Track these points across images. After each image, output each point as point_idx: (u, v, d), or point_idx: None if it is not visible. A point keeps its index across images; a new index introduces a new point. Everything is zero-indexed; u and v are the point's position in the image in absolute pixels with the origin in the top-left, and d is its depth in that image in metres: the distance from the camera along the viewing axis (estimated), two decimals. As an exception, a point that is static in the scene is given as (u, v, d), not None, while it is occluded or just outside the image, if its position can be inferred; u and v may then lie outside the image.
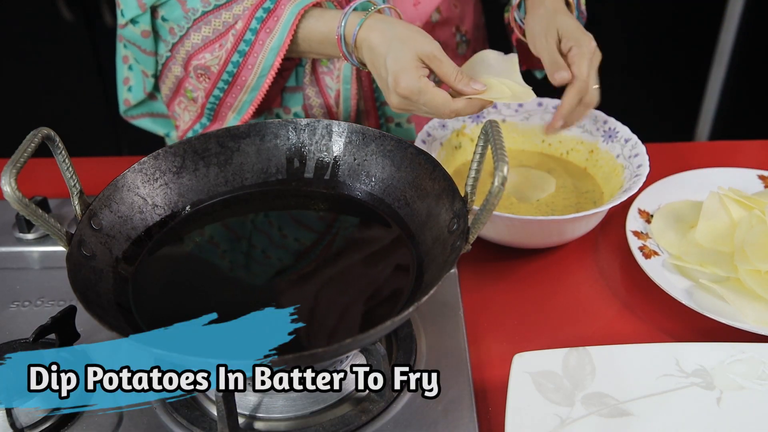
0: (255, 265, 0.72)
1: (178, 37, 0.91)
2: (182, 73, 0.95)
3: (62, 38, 1.84)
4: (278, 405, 0.66)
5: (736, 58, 2.02)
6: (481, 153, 0.63)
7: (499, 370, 0.72)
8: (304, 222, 0.76)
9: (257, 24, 0.85)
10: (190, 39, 0.90)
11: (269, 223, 0.76)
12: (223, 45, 0.87)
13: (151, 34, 0.93)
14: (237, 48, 0.87)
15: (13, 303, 0.79)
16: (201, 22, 0.88)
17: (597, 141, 0.95)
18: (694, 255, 0.81)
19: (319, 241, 0.74)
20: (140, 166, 0.72)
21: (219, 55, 0.88)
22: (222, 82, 0.90)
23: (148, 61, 0.98)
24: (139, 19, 0.91)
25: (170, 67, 0.96)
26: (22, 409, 0.65)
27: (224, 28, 0.87)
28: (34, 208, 0.60)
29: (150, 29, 0.92)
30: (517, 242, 0.86)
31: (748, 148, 1.08)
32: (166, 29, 0.91)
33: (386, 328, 0.56)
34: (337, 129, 0.76)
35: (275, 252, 0.73)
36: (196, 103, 0.96)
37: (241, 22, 0.86)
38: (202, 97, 0.94)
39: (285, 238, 0.75)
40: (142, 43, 0.95)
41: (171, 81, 0.98)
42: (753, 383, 0.66)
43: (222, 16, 0.87)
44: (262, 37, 0.85)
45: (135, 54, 0.98)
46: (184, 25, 0.89)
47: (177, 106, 1.01)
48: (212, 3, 0.87)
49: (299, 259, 0.72)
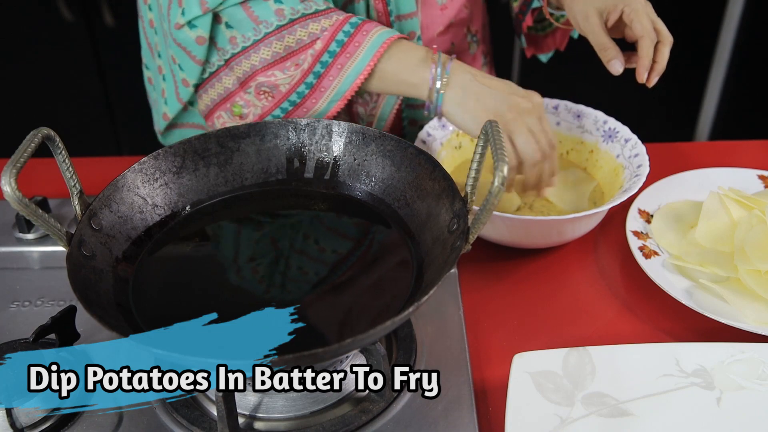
0: (255, 265, 0.72)
1: (240, 48, 0.85)
2: (235, 87, 0.89)
3: (62, 38, 1.84)
4: (278, 405, 0.66)
5: (736, 58, 2.02)
6: (481, 153, 0.63)
7: (499, 370, 0.72)
8: (304, 222, 0.76)
9: (337, 47, 0.81)
10: (258, 53, 0.84)
11: (269, 223, 0.76)
12: (300, 64, 0.83)
13: (206, 41, 0.86)
14: (313, 69, 0.83)
15: (13, 303, 0.79)
16: (273, 37, 0.83)
17: (597, 141, 0.95)
18: (694, 255, 0.81)
19: (318, 242, 0.74)
20: (140, 166, 0.72)
21: (292, 74, 0.84)
22: (287, 103, 0.86)
23: (194, 70, 0.90)
24: (197, 23, 0.84)
25: (221, 77, 0.90)
26: (22, 409, 0.65)
27: (297, 46, 0.83)
28: (34, 208, 0.60)
29: (206, 35, 0.85)
30: (517, 242, 0.86)
31: (748, 148, 1.08)
32: (227, 38, 0.85)
33: (386, 328, 0.56)
34: (337, 129, 0.76)
35: (275, 252, 0.73)
36: (243, 119, 0.90)
37: (321, 43, 0.82)
38: (255, 115, 0.89)
39: (285, 238, 0.75)
40: (194, 49, 0.87)
41: (217, 92, 0.91)
42: (753, 383, 0.66)
43: (297, 33, 0.82)
44: (341, 60, 0.81)
45: (181, 60, 0.90)
46: (251, 37, 0.83)
47: (216, 119, 0.94)
48: (287, 17, 0.82)
49: (299, 259, 0.72)
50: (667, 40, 0.85)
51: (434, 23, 0.98)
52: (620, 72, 0.84)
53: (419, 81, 0.80)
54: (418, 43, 0.95)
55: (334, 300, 0.68)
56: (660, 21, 0.85)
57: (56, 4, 1.77)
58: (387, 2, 0.92)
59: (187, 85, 0.92)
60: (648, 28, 0.83)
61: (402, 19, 0.94)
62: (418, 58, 0.81)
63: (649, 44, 0.82)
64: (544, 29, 1.05)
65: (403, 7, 0.93)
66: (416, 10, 0.94)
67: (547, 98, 0.98)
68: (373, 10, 0.92)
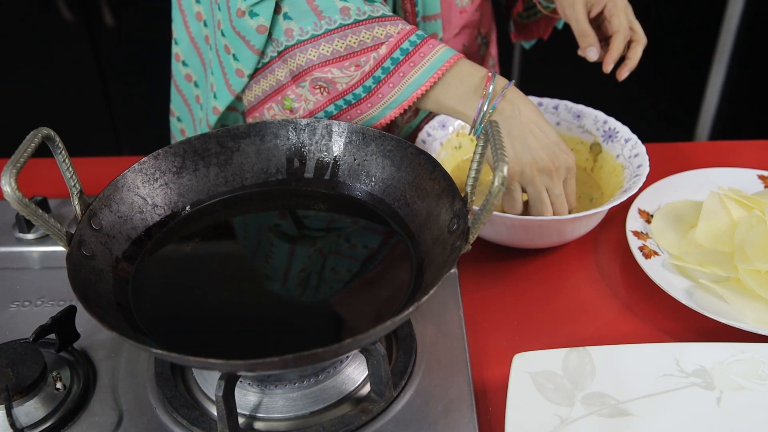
0: (255, 265, 0.72)
1: (295, 41, 0.83)
2: (287, 79, 0.87)
3: (62, 38, 1.84)
4: (278, 405, 0.66)
5: (736, 58, 2.02)
6: (481, 153, 0.63)
7: (499, 370, 0.72)
8: (304, 222, 0.76)
9: (401, 55, 0.81)
10: (318, 48, 0.82)
11: (269, 223, 0.76)
12: (360, 66, 0.81)
13: (267, 30, 0.84)
14: (374, 73, 0.81)
15: (13, 303, 0.79)
16: (336, 34, 0.81)
17: (597, 141, 0.95)
18: (694, 255, 0.81)
19: (318, 242, 0.74)
20: (140, 166, 0.72)
21: (351, 74, 0.82)
22: (342, 101, 0.84)
23: (251, 60, 0.87)
24: (258, 11, 0.83)
25: (273, 69, 0.88)
26: (22, 408, 0.65)
27: (359, 48, 0.81)
28: (34, 208, 0.60)
29: (267, 24, 0.83)
30: (517, 242, 0.86)
31: (748, 148, 1.08)
32: (283, 29, 0.83)
33: (386, 328, 0.56)
34: (337, 129, 0.76)
35: (275, 252, 0.73)
36: (293, 113, 0.89)
37: (385, 48, 0.81)
38: (306, 110, 0.87)
39: (285, 238, 0.75)
40: (254, 38, 0.85)
41: (269, 84, 0.89)
42: (753, 383, 0.66)
43: (361, 34, 0.81)
44: (404, 69, 0.81)
45: (237, 50, 0.88)
46: (310, 31, 0.82)
47: (266, 111, 0.92)
48: (353, 17, 0.81)
49: (299, 259, 0.72)
50: (641, 40, 0.91)
51: (451, 25, 0.99)
52: (595, 59, 0.89)
53: (468, 111, 0.81)
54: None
55: (333, 300, 0.68)
56: (637, 22, 0.91)
57: (56, 4, 1.77)
58: (415, 3, 0.92)
59: (241, 76, 0.90)
60: (624, 25, 0.89)
61: (427, 20, 0.94)
62: (472, 86, 0.80)
63: (621, 39, 0.88)
64: (528, 17, 1.10)
65: (429, 8, 0.93)
66: (440, 12, 0.95)
67: (547, 98, 0.98)
68: (400, 10, 0.92)
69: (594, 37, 0.89)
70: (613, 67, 0.89)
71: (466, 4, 0.99)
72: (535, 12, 1.08)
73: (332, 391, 0.67)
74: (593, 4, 0.90)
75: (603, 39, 0.91)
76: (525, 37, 1.14)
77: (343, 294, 0.68)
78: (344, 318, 0.66)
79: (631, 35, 0.90)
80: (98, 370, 0.71)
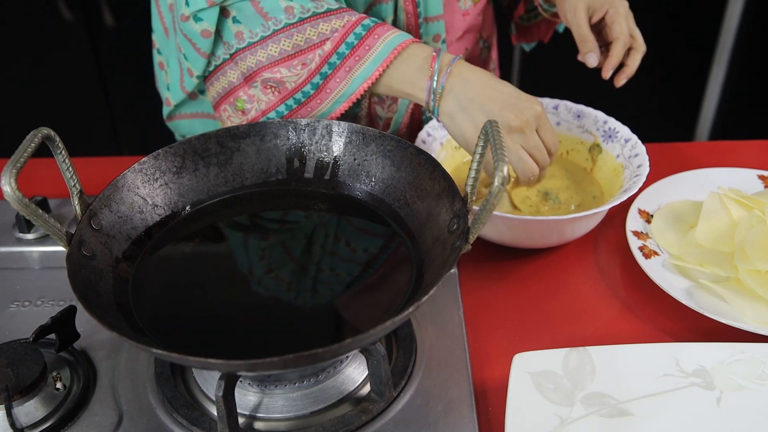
0: (254, 265, 0.72)
1: (246, 43, 0.84)
2: (239, 81, 0.88)
3: (62, 38, 1.84)
4: (278, 405, 0.66)
5: (736, 58, 2.02)
6: (481, 153, 0.63)
7: (499, 370, 0.72)
8: (304, 222, 0.76)
9: (346, 49, 0.81)
10: (266, 49, 0.83)
11: (269, 223, 0.76)
12: (307, 64, 0.82)
13: (212, 35, 0.85)
14: (320, 70, 0.82)
15: (13, 303, 0.79)
16: (282, 34, 0.82)
17: (597, 141, 0.95)
18: (694, 255, 0.81)
19: (318, 242, 0.74)
20: (140, 166, 0.72)
21: (299, 73, 0.83)
22: (293, 100, 0.85)
23: (199, 62, 0.89)
24: (202, 16, 0.84)
25: (225, 71, 0.89)
26: (22, 408, 0.65)
27: (306, 45, 0.82)
28: (34, 208, 0.60)
29: (212, 29, 0.84)
30: (517, 242, 0.86)
31: (748, 148, 1.08)
32: (233, 32, 0.84)
33: (386, 328, 0.56)
34: (337, 129, 0.76)
35: (275, 252, 0.73)
36: (245, 115, 0.90)
37: (330, 44, 0.81)
38: (258, 110, 0.88)
39: (285, 238, 0.75)
40: (199, 41, 0.86)
41: (222, 86, 0.91)
42: (753, 383, 0.66)
43: (306, 32, 0.82)
44: (350, 63, 0.81)
45: (186, 50, 0.89)
46: (259, 33, 0.83)
47: (222, 112, 0.94)
48: (297, 16, 0.82)
49: (299, 259, 0.72)
50: (640, 48, 0.92)
51: (454, 28, 0.99)
52: (594, 65, 0.90)
53: (417, 92, 0.81)
54: (443, 46, 0.97)
55: (333, 300, 0.68)
56: (637, 30, 0.92)
57: (56, 4, 1.77)
58: (417, 3, 0.92)
59: (191, 75, 0.92)
60: (625, 32, 0.90)
61: (429, 21, 0.95)
62: (417, 67, 0.80)
63: (621, 46, 0.90)
64: (529, 20, 1.10)
65: (431, 9, 0.94)
66: (443, 13, 0.95)
67: (547, 98, 0.98)
68: (402, 11, 0.93)
69: (594, 43, 0.90)
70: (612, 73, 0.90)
71: (469, 7, 0.99)
72: (536, 15, 1.08)
73: (332, 391, 0.67)
74: (595, 9, 0.91)
75: (603, 44, 0.92)
76: (526, 39, 1.15)
77: (343, 294, 0.68)
78: (344, 318, 0.66)
79: (631, 42, 0.91)
80: (98, 370, 0.71)
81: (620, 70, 0.91)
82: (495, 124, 0.61)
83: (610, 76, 0.90)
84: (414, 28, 0.94)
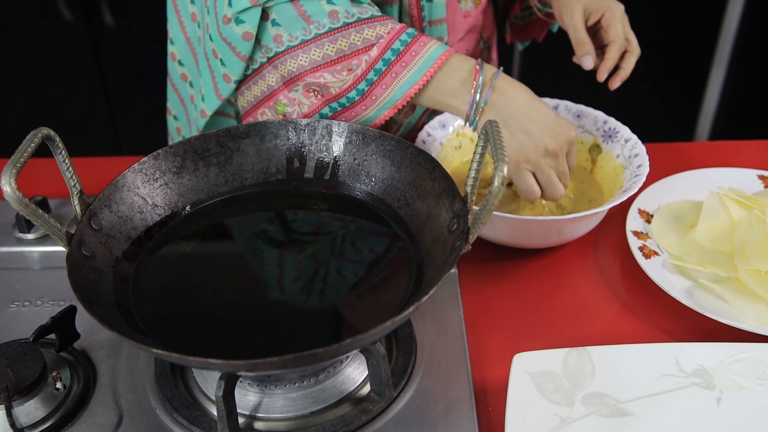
0: (254, 265, 0.72)
1: (285, 47, 0.83)
2: (278, 84, 0.88)
3: (62, 38, 1.84)
4: (278, 405, 0.66)
5: (736, 58, 2.02)
6: (481, 153, 0.63)
7: (499, 370, 0.72)
8: (304, 222, 0.76)
9: (392, 55, 0.80)
10: (308, 54, 0.82)
11: (269, 223, 0.76)
12: (353, 69, 0.81)
13: (253, 37, 0.84)
14: (366, 76, 0.81)
15: (13, 303, 0.79)
16: (325, 39, 0.81)
17: (597, 141, 0.95)
18: (694, 255, 0.81)
19: (318, 242, 0.74)
20: (140, 166, 0.72)
21: (344, 78, 0.82)
22: (337, 104, 0.84)
23: (238, 66, 0.87)
24: (245, 18, 0.82)
25: (264, 75, 0.88)
26: (22, 408, 0.65)
27: (350, 51, 0.81)
28: (34, 208, 0.60)
29: (254, 32, 0.83)
30: (517, 242, 0.86)
31: (748, 148, 1.08)
32: (271, 35, 0.83)
33: (386, 328, 0.56)
34: (337, 129, 0.76)
35: (275, 252, 0.73)
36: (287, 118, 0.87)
37: (376, 50, 0.80)
38: (300, 114, 0.88)
39: (285, 238, 0.75)
40: (240, 45, 0.85)
41: (260, 90, 0.90)
42: (753, 383, 0.66)
43: (351, 37, 0.81)
44: (396, 69, 0.80)
45: (224, 55, 0.87)
46: (299, 36, 0.82)
47: (260, 116, 0.93)
48: (341, 20, 0.81)
49: (299, 259, 0.72)
50: (635, 51, 0.93)
51: (456, 30, 0.99)
52: (590, 68, 0.91)
53: (460, 105, 0.81)
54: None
55: (333, 299, 0.68)
56: (632, 33, 0.93)
57: (56, 4, 1.77)
58: (422, 7, 0.92)
59: (228, 81, 0.90)
60: (620, 35, 0.91)
61: (433, 25, 0.95)
62: (461, 80, 0.80)
63: (616, 49, 0.90)
64: (524, 18, 1.11)
65: (435, 12, 0.94)
66: (446, 16, 0.95)
67: (547, 98, 0.98)
68: (406, 15, 0.93)
69: (590, 46, 0.90)
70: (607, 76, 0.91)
71: (471, 8, 0.99)
72: (531, 14, 1.09)
73: (332, 391, 0.67)
74: (591, 12, 0.92)
75: (598, 47, 0.93)
76: (520, 38, 1.16)
77: (343, 294, 0.68)
78: (344, 318, 0.66)
79: (626, 46, 0.92)
80: (98, 370, 0.71)
81: (615, 72, 0.92)
82: (495, 124, 0.61)
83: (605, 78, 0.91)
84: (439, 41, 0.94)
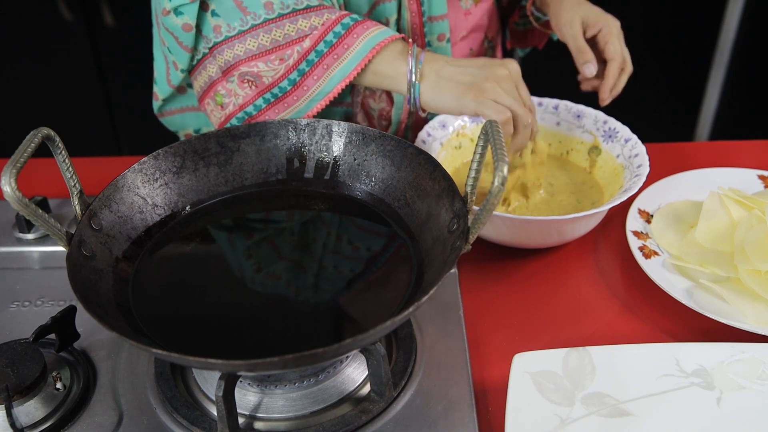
0: (255, 265, 0.72)
1: (223, 37, 0.85)
2: (217, 75, 0.89)
3: (62, 38, 1.84)
4: (278, 405, 0.66)
5: (736, 58, 2.02)
6: (481, 153, 0.63)
7: (499, 370, 0.72)
8: (304, 222, 0.76)
9: (325, 47, 0.81)
10: (244, 44, 0.84)
11: (269, 223, 0.76)
12: (284, 59, 0.83)
13: (193, 28, 0.85)
14: (298, 66, 0.82)
15: (13, 303, 0.79)
16: (260, 29, 0.83)
17: (597, 141, 0.95)
18: (694, 255, 0.81)
19: (318, 241, 0.74)
20: (140, 166, 0.72)
21: (276, 68, 0.83)
22: (270, 95, 0.86)
23: (183, 56, 0.90)
24: (183, 10, 0.84)
25: (205, 65, 0.89)
26: (22, 408, 0.65)
27: (284, 41, 0.82)
28: (34, 208, 0.60)
29: (193, 24, 0.85)
30: (517, 242, 0.86)
31: (748, 148, 1.08)
32: (211, 26, 0.85)
33: (386, 328, 0.56)
34: (337, 129, 0.76)
35: (275, 252, 0.73)
36: (224, 110, 0.90)
37: (309, 41, 0.81)
38: (236, 105, 0.89)
39: (285, 238, 0.75)
40: (181, 35, 0.87)
41: (203, 80, 0.91)
42: (753, 383, 0.66)
43: (285, 28, 0.82)
44: (328, 61, 0.81)
45: (170, 44, 0.90)
46: (237, 27, 0.84)
47: (206, 107, 0.94)
48: (276, 11, 0.82)
49: (299, 259, 0.72)
50: (628, 68, 0.95)
51: (458, 28, 0.99)
52: (593, 75, 0.93)
53: (397, 74, 0.81)
54: (447, 46, 0.98)
55: (334, 299, 0.68)
56: (626, 50, 0.95)
57: (56, 4, 1.77)
58: (421, 2, 0.93)
59: (176, 69, 0.93)
60: (619, 52, 0.92)
61: (434, 21, 0.95)
62: (396, 51, 0.82)
63: (616, 67, 0.92)
64: (524, 25, 1.12)
65: (435, 8, 0.94)
66: (447, 13, 0.95)
67: (547, 98, 0.98)
68: (405, 10, 0.93)
69: (591, 54, 0.92)
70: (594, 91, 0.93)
71: (470, 6, 0.99)
72: (528, 22, 1.10)
73: (332, 391, 0.67)
74: (588, 25, 0.93)
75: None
76: (520, 45, 1.18)
77: (343, 294, 0.68)
78: (344, 318, 0.66)
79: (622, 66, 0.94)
80: (98, 370, 0.71)
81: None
82: (495, 124, 0.61)
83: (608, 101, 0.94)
84: (418, 27, 0.94)
